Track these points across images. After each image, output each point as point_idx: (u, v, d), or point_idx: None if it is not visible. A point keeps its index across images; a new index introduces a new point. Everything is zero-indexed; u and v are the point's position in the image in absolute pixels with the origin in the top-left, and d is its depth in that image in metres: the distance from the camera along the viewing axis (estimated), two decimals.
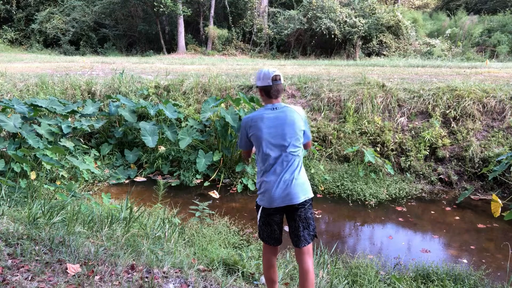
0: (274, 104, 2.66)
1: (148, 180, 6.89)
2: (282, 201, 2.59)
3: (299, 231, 2.63)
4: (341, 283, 3.27)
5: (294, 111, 2.66)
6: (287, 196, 2.57)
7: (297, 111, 2.68)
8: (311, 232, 2.66)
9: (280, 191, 2.57)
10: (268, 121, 2.60)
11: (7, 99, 6.97)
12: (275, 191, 2.58)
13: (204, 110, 7.09)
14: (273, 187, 2.59)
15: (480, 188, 6.44)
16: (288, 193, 2.57)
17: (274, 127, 2.60)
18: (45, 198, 5.04)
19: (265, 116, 2.62)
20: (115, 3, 21.63)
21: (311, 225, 2.67)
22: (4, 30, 23.13)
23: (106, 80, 9.04)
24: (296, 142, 2.62)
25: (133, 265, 3.03)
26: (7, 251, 2.98)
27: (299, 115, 2.66)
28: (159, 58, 17.72)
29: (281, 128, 2.59)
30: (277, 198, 2.58)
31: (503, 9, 19.75)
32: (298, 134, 2.63)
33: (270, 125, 2.60)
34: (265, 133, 2.60)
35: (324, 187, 6.43)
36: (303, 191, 2.61)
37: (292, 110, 2.66)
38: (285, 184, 2.57)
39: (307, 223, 2.64)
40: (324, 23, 17.64)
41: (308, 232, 2.65)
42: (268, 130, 2.60)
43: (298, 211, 2.62)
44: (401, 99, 7.57)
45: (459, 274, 3.70)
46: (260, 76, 2.65)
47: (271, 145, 2.60)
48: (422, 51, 17.66)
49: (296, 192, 2.58)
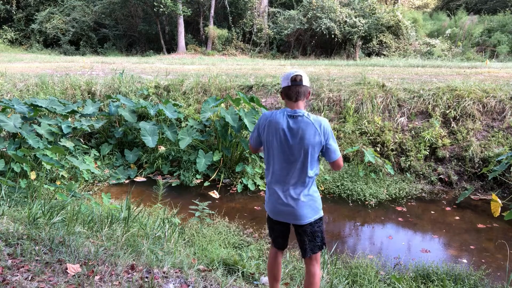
0: (295, 110, 2.41)
1: (148, 180, 6.89)
2: (285, 218, 2.48)
3: (305, 244, 2.52)
4: (341, 283, 3.27)
5: (312, 125, 2.37)
6: (290, 214, 2.43)
7: (317, 125, 2.37)
8: (317, 243, 2.52)
9: (284, 208, 2.43)
10: (282, 130, 2.38)
11: (7, 99, 6.97)
12: (279, 206, 2.45)
13: (204, 110, 7.09)
14: (277, 200, 2.45)
15: (480, 188, 6.44)
16: (292, 212, 2.42)
17: (286, 138, 2.37)
18: (45, 198, 5.04)
19: (281, 122, 2.39)
20: (115, 3, 21.63)
21: (318, 237, 2.52)
22: (4, 30, 23.13)
23: (106, 80, 9.04)
24: (308, 158, 2.37)
25: (133, 265, 3.03)
26: (7, 251, 2.98)
27: (318, 129, 2.36)
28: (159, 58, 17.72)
29: (294, 141, 2.36)
30: (280, 213, 2.47)
31: (503, 9, 19.76)
32: (311, 150, 2.36)
33: (282, 134, 2.38)
34: (276, 142, 2.41)
35: (324, 187, 6.43)
36: (311, 212, 2.43)
37: (310, 123, 2.37)
38: (290, 202, 2.40)
39: (313, 236, 2.50)
40: (324, 23, 17.64)
41: (315, 244, 2.52)
42: (279, 139, 2.39)
43: (304, 227, 2.48)
44: (401, 99, 7.57)
45: (459, 274, 3.70)
46: (284, 77, 2.47)
47: (279, 156, 2.41)
48: (422, 51, 17.66)
49: (302, 213, 2.41)
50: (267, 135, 2.46)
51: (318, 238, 2.51)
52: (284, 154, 2.39)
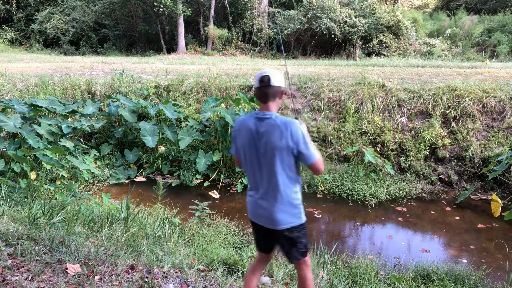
0: (264, 113, 2.27)
1: (148, 180, 6.89)
2: (261, 222, 2.38)
3: (284, 249, 2.42)
4: (341, 283, 3.27)
5: (278, 127, 2.20)
6: (266, 218, 2.33)
7: (283, 128, 2.19)
8: (300, 249, 2.38)
9: (260, 211, 2.34)
10: (251, 133, 2.28)
11: (7, 99, 6.97)
12: (255, 209, 2.38)
13: (204, 110, 7.09)
14: (253, 203, 2.39)
15: (480, 188, 6.44)
16: (268, 216, 2.32)
17: (254, 142, 2.27)
18: (45, 198, 5.04)
19: (250, 125, 2.29)
20: (115, 3, 21.63)
21: (301, 243, 2.38)
22: (4, 30, 23.13)
23: (106, 80, 9.04)
24: (276, 163, 2.23)
25: (133, 265, 3.03)
26: (7, 251, 2.98)
27: (285, 132, 2.19)
28: (159, 58, 17.72)
29: (261, 144, 2.25)
30: (257, 216, 2.38)
31: (503, 9, 19.76)
32: (278, 154, 2.21)
33: (251, 138, 2.28)
34: (246, 146, 2.31)
35: (324, 187, 6.43)
36: (288, 217, 2.30)
37: (276, 126, 2.21)
38: (265, 206, 2.31)
39: (293, 242, 2.36)
40: (324, 23, 17.64)
41: (297, 250, 2.38)
42: (248, 143, 2.30)
43: (280, 232, 2.35)
44: (401, 99, 7.57)
45: (459, 274, 3.70)
46: (255, 77, 2.36)
47: (250, 160, 2.32)
48: (422, 51, 17.66)
49: (277, 218, 2.29)
50: (239, 141, 2.37)
51: (300, 244, 2.37)
52: (254, 158, 2.30)
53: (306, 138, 2.23)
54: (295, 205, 2.34)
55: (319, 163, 2.28)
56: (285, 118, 2.25)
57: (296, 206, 2.35)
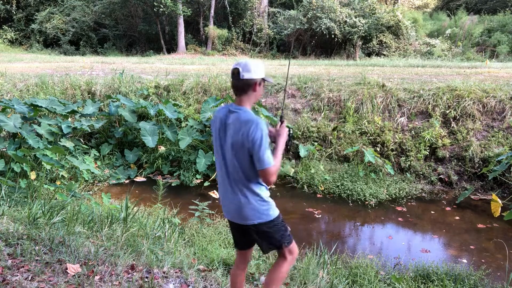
0: (235, 106, 2.21)
1: (148, 180, 6.89)
2: (231, 217, 2.35)
3: (257, 242, 2.39)
4: (341, 283, 3.27)
5: (240, 123, 2.12)
6: (236, 213, 2.29)
7: (244, 125, 2.11)
8: (272, 243, 2.34)
9: (230, 206, 2.30)
10: (220, 125, 2.24)
11: (7, 99, 6.97)
12: (225, 203, 2.34)
13: (204, 110, 7.09)
14: (222, 197, 2.35)
15: (480, 188, 6.44)
16: (237, 211, 2.28)
17: (220, 134, 2.24)
18: (45, 198, 5.04)
19: (221, 117, 2.25)
20: (115, 3, 21.62)
21: (272, 238, 2.32)
22: (4, 30, 23.12)
23: (106, 80, 9.04)
24: (236, 159, 2.18)
25: (133, 265, 3.03)
26: (7, 251, 2.99)
27: (244, 129, 2.09)
28: (159, 58, 17.72)
29: (225, 137, 2.21)
30: (227, 212, 2.35)
31: (503, 9, 19.76)
32: (238, 150, 2.15)
33: (219, 130, 2.25)
34: (216, 137, 2.28)
35: (324, 187, 6.43)
36: (254, 215, 2.25)
37: (240, 122, 2.13)
38: (233, 201, 2.26)
39: (263, 237, 2.33)
40: (324, 23, 17.64)
41: (270, 242, 2.34)
42: (216, 134, 2.27)
43: (249, 227, 2.31)
44: (401, 99, 7.57)
45: (459, 274, 3.70)
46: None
47: (217, 152, 2.29)
48: (422, 51, 17.66)
49: (243, 214, 2.26)
50: (212, 130, 2.34)
51: (272, 239, 2.32)
52: (220, 150, 2.26)
53: (263, 141, 2.07)
54: (260, 201, 2.26)
55: (269, 172, 2.10)
56: (251, 115, 2.14)
57: (262, 202, 2.26)
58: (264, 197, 2.27)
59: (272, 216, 2.29)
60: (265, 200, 2.28)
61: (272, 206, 2.32)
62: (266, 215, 2.27)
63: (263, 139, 2.08)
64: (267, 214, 2.27)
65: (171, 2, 19.22)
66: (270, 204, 2.31)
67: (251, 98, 2.22)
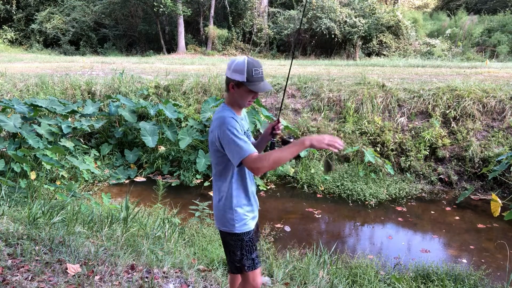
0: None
1: (148, 180, 6.89)
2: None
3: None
4: (341, 283, 3.27)
5: (213, 120, 2.04)
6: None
7: (214, 120, 2.03)
8: (233, 262, 2.15)
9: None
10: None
11: (7, 99, 6.97)
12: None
13: (204, 110, 7.09)
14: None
15: (480, 188, 6.44)
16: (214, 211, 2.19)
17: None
18: (45, 198, 5.04)
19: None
20: (115, 3, 21.61)
21: (234, 255, 2.13)
22: (4, 30, 23.13)
23: (106, 80, 9.04)
24: (213, 156, 2.08)
25: (133, 265, 3.04)
26: (7, 251, 2.99)
27: (213, 124, 2.01)
28: (159, 58, 17.72)
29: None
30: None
31: (503, 9, 19.76)
32: (211, 148, 2.07)
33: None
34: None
35: (324, 187, 6.43)
36: (219, 219, 2.13)
37: (213, 119, 2.05)
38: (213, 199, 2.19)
39: (227, 248, 2.17)
40: (324, 23, 17.64)
41: (231, 260, 2.16)
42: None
43: (220, 233, 2.21)
44: (401, 99, 7.57)
45: (459, 274, 3.70)
46: None
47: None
48: (422, 51, 17.66)
49: (215, 216, 2.16)
50: None
51: (233, 255, 2.13)
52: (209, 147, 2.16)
53: (230, 136, 1.90)
54: (228, 208, 2.08)
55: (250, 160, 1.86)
56: (221, 112, 2.01)
57: (229, 210, 2.08)
58: (234, 205, 2.07)
59: (237, 230, 2.09)
60: (234, 209, 2.08)
61: (241, 220, 2.09)
62: (231, 225, 2.09)
63: (230, 134, 1.89)
64: (232, 225, 2.08)
65: (171, 2, 19.22)
66: (239, 216, 2.08)
67: (231, 98, 2.06)
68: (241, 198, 2.10)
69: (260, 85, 1.98)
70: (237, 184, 2.09)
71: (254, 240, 2.17)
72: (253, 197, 2.20)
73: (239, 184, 2.10)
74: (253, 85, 1.97)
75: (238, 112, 2.09)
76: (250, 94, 2.01)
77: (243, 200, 2.11)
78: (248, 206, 2.14)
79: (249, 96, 2.02)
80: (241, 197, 2.10)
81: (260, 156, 1.87)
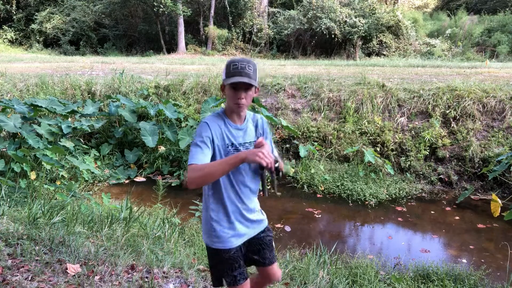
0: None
1: (148, 180, 6.88)
2: None
3: None
4: (341, 283, 3.27)
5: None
6: None
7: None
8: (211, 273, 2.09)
9: None
10: None
11: (7, 99, 6.97)
12: None
13: (204, 110, 7.09)
14: None
15: (480, 188, 6.44)
16: None
17: None
18: (45, 198, 5.04)
19: None
20: (115, 3, 21.62)
21: (210, 268, 2.09)
22: (4, 30, 23.13)
23: (106, 80, 9.04)
24: None
25: (133, 265, 3.04)
26: (7, 251, 2.99)
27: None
28: (159, 58, 17.72)
29: None
30: None
31: (503, 9, 19.76)
32: None
33: None
34: None
35: (324, 187, 6.43)
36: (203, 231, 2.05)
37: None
38: None
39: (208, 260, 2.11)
40: (324, 23, 17.64)
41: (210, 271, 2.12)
42: None
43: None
44: (401, 99, 7.57)
45: (459, 274, 3.70)
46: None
47: None
48: (422, 51, 17.67)
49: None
50: None
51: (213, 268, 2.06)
52: None
53: (194, 139, 1.85)
54: (204, 216, 1.99)
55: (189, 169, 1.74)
56: (212, 114, 1.94)
57: (204, 218, 1.98)
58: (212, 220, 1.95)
59: (215, 246, 1.96)
60: (206, 219, 1.97)
61: (219, 236, 1.94)
62: (209, 239, 1.98)
63: (193, 139, 1.85)
64: (210, 240, 1.98)
65: (171, 2, 19.23)
66: (217, 232, 1.94)
67: (225, 103, 1.95)
68: (220, 213, 1.94)
69: (234, 78, 1.78)
70: (213, 198, 1.95)
71: (238, 259, 1.98)
72: (239, 215, 1.96)
73: (216, 198, 1.94)
74: (228, 80, 1.81)
75: (234, 120, 1.92)
76: (231, 92, 1.83)
77: (221, 216, 1.94)
78: (228, 223, 1.94)
79: (231, 94, 1.83)
80: (220, 213, 1.94)
81: (195, 167, 1.72)
